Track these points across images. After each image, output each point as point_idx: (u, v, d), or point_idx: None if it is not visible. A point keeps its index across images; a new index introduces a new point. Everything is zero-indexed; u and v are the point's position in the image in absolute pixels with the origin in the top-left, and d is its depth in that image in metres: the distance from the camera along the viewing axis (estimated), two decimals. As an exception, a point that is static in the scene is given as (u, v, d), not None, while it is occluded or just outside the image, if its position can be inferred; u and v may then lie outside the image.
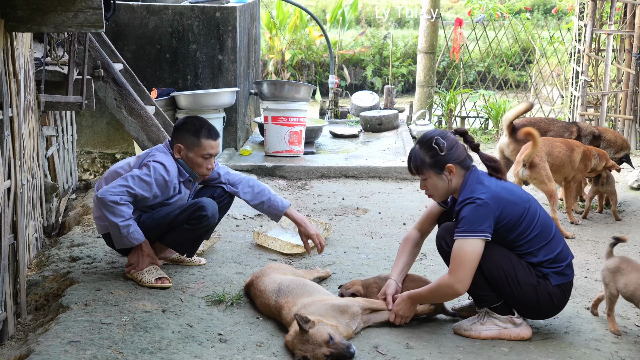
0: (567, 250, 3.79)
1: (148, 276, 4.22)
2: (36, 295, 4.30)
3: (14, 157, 3.97)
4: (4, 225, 3.76)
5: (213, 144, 4.32)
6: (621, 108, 9.02)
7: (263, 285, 3.96)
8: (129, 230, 4.17)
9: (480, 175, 3.71)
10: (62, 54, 5.72)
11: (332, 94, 10.95)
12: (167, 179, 4.26)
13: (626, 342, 3.78)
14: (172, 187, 4.33)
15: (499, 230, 3.63)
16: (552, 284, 3.69)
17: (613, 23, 8.76)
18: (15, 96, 4.03)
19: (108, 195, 4.11)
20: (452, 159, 3.69)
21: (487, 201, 3.58)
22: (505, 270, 3.64)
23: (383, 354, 3.56)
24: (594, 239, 5.73)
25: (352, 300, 3.80)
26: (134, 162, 4.37)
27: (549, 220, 3.75)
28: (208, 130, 4.33)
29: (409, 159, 3.78)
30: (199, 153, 4.31)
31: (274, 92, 7.94)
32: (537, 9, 17.76)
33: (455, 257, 3.60)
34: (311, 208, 6.34)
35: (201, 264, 4.65)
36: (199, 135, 4.30)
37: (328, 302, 3.71)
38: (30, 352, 3.38)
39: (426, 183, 3.75)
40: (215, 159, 4.46)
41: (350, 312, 3.70)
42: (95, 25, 3.96)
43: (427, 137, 3.73)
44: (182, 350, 3.42)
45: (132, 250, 4.30)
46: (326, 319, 3.57)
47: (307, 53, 14.86)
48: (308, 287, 3.87)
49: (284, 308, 3.74)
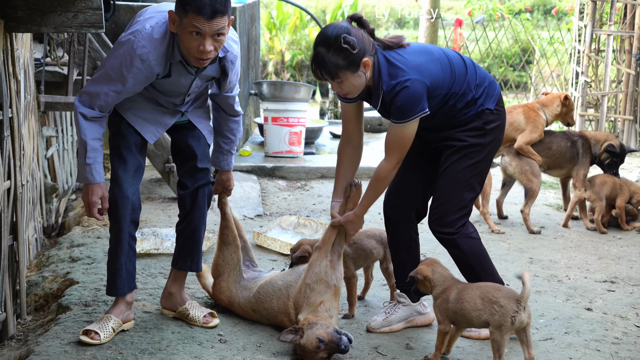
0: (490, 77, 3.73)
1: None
2: (36, 296, 4.30)
3: (14, 157, 3.97)
4: (4, 226, 3.76)
5: (201, 20, 3.18)
6: (621, 108, 9.02)
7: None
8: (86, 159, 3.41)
9: (387, 55, 3.48)
10: (62, 55, 5.72)
11: (332, 94, 10.96)
12: (140, 62, 3.30)
13: (626, 342, 3.78)
14: (157, 67, 3.35)
15: (431, 95, 3.50)
16: (492, 109, 3.64)
17: (613, 23, 8.76)
18: (15, 97, 4.03)
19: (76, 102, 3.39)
20: (365, 53, 3.42)
21: (414, 78, 3.41)
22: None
23: (383, 354, 3.56)
24: (594, 239, 5.73)
25: (316, 266, 3.61)
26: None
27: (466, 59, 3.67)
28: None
29: (318, 66, 3.41)
30: (185, 28, 3.24)
31: (273, 93, 7.94)
32: (537, 10, 17.75)
33: (395, 141, 3.49)
34: (311, 209, 6.34)
35: (209, 325, 3.74)
36: (185, 2, 3.21)
37: (302, 289, 3.61)
38: (30, 352, 3.38)
39: (341, 85, 3.44)
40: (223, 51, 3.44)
41: (324, 277, 3.59)
42: (95, 26, 3.96)
43: (331, 37, 3.38)
44: (181, 350, 3.42)
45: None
46: (312, 306, 3.55)
47: (307, 53, 14.86)
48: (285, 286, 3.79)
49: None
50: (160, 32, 3.34)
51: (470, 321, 3.37)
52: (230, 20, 3.29)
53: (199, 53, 3.26)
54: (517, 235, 5.74)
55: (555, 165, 6.11)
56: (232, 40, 3.51)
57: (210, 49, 3.26)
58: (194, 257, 3.78)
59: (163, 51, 3.34)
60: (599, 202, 5.89)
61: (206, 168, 3.72)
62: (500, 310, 3.23)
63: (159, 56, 3.33)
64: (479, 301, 3.30)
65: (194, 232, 3.75)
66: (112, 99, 3.37)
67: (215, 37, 3.25)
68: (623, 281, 4.76)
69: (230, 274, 3.88)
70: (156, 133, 3.61)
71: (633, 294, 4.55)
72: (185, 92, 3.53)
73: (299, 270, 3.75)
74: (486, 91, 3.64)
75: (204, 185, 3.71)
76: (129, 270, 3.61)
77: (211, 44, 3.25)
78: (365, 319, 3.98)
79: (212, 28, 3.21)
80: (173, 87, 3.50)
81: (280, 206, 6.41)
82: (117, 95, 3.38)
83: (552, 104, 6.08)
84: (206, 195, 3.73)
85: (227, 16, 3.25)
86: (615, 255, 5.31)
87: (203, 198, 3.72)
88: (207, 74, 3.51)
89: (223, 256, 3.89)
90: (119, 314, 3.58)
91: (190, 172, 3.70)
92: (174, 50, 3.37)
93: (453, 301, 3.38)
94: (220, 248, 3.91)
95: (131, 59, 3.29)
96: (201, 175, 3.70)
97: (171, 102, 3.57)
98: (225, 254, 3.88)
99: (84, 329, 3.46)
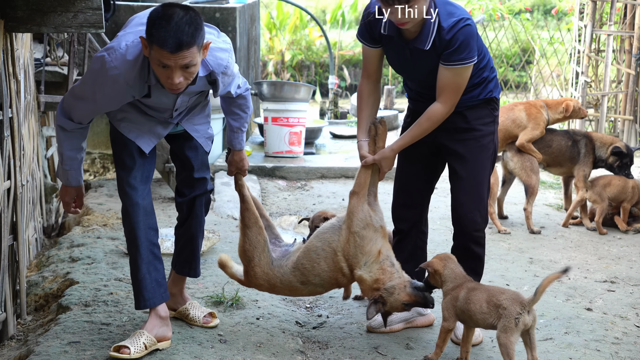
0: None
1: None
2: (36, 296, 4.30)
3: (14, 157, 3.97)
4: (4, 226, 3.76)
5: (165, 54, 2.97)
6: (621, 109, 9.02)
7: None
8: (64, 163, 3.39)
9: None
10: (62, 55, 5.72)
11: (332, 94, 10.95)
12: (112, 83, 3.11)
13: (626, 342, 3.78)
14: (130, 89, 3.17)
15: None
16: (497, 98, 3.69)
17: (613, 24, 8.76)
18: (15, 97, 4.03)
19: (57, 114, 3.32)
20: None
21: (471, 19, 3.43)
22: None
23: (383, 354, 3.56)
24: (594, 239, 5.73)
25: (358, 212, 3.52)
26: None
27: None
28: (165, 30, 2.96)
29: None
30: (152, 58, 3.04)
31: (273, 93, 7.94)
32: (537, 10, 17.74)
33: (450, 85, 3.44)
34: (311, 209, 6.34)
35: (209, 325, 3.73)
36: (150, 33, 2.99)
37: (351, 239, 3.49)
38: (30, 352, 3.38)
39: (413, 9, 3.33)
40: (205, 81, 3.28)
41: (370, 222, 3.51)
42: (95, 26, 3.96)
43: None
44: (182, 350, 3.42)
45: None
46: (369, 255, 3.46)
47: (307, 54, 14.85)
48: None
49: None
50: (135, 53, 3.12)
51: (477, 323, 3.35)
52: (206, 45, 3.10)
53: (168, 85, 3.09)
54: (517, 235, 5.73)
55: (554, 163, 6.11)
56: (218, 51, 3.28)
57: (179, 81, 3.06)
58: (192, 263, 3.72)
59: (136, 74, 3.12)
60: (600, 204, 5.87)
61: (203, 178, 3.62)
62: (503, 312, 3.22)
63: (131, 79, 3.13)
64: (484, 304, 3.29)
65: (191, 240, 3.69)
66: (88, 113, 3.24)
67: (183, 69, 3.04)
68: (623, 281, 4.76)
69: (261, 257, 3.65)
70: (150, 142, 3.44)
71: (633, 294, 4.55)
72: (171, 108, 3.36)
73: (329, 226, 3.60)
74: (495, 80, 3.68)
75: (201, 194, 3.62)
76: (156, 280, 3.43)
77: (180, 75, 3.05)
78: (365, 319, 3.97)
79: (177, 62, 3.00)
80: (157, 105, 3.34)
81: (280, 206, 6.41)
82: (92, 111, 3.25)
83: (556, 108, 6.10)
84: (203, 203, 3.65)
85: (195, 47, 3.01)
86: (615, 255, 5.31)
87: (200, 207, 3.64)
88: (192, 90, 3.32)
89: (249, 240, 3.66)
90: (151, 329, 3.39)
91: (187, 181, 3.61)
92: (150, 73, 3.15)
93: (462, 300, 3.36)
94: (244, 232, 3.69)
95: (102, 80, 3.12)
96: (198, 184, 3.61)
97: (160, 116, 3.43)
98: (251, 237, 3.67)
99: (116, 346, 3.31)
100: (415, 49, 3.47)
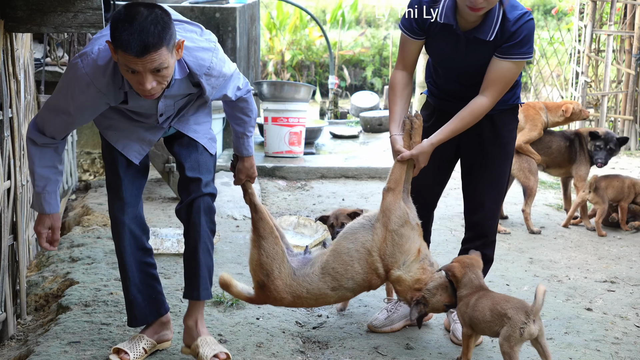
0: None
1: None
2: (36, 296, 4.30)
3: (14, 157, 3.97)
4: (4, 226, 3.76)
5: (131, 58, 2.74)
6: (621, 109, 9.02)
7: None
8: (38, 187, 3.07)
9: None
10: (62, 55, 5.72)
11: (332, 94, 10.96)
12: (85, 89, 2.90)
13: (626, 342, 3.78)
14: (103, 96, 2.95)
15: None
16: (521, 104, 3.74)
17: (613, 24, 8.77)
18: (15, 97, 4.03)
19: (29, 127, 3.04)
20: None
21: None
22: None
23: (383, 354, 3.56)
24: (594, 239, 5.73)
25: (396, 209, 3.36)
26: None
27: None
28: (128, 33, 2.72)
29: None
30: (120, 64, 2.82)
31: (273, 93, 7.94)
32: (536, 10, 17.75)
33: (501, 78, 3.39)
34: (311, 209, 6.34)
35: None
36: (113, 37, 2.76)
37: (388, 238, 3.34)
38: (30, 352, 3.38)
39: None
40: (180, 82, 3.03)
41: (408, 219, 3.37)
42: (95, 26, 3.95)
43: None
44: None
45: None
46: (408, 254, 3.34)
47: (307, 54, 14.86)
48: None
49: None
50: (106, 58, 2.89)
51: (482, 330, 3.30)
52: (179, 44, 2.86)
53: (141, 91, 2.84)
54: (517, 235, 5.73)
55: (554, 164, 6.12)
56: (199, 50, 3.03)
57: (152, 86, 2.82)
58: (194, 283, 3.30)
59: (108, 80, 2.90)
60: (601, 205, 5.86)
61: (197, 178, 3.23)
62: (508, 322, 3.15)
63: (103, 85, 2.90)
64: (487, 313, 3.22)
65: (192, 255, 3.29)
66: (61, 126, 3.01)
67: (154, 73, 2.79)
68: (623, 281, 4.76)
69: (281, 269, 3.38)
70: (141, 151, 3.24)
71: (633, 294, 4.55)
72: (154, 113, 3.11)
73: (358, 226, 3.43)
74: (520, 86, 3.68)
75: (198, 197, 3.22)
76: (149, 297, 3.35)
77: (152, 80, 2.80)
78: (365, 319, 3.98)
79: (146, 66, 2.75)
80: (139, 110, 3.10)
81: (280, 206, 6.41)
82: (66, 124, 3.01)
83: (556, 111, 6.11)
84: (201, 210, 3.23)
85: (163, 48, 2.75)
86: (615, 255, 5.31)
87: (198, 214, 3.22)
88: (174, 93, 3.06)
89: (265, 252, 3.39)
90: (152, 334, 3.36)
91: (183, 184, 3.28)
92: (123, 78, 2.91)
93: (470, 307, 3.28)
94: (258, 244, 3.41)
95: (74, 87, 2.91)
96: (193, 186, 3.23)
97: (147, 121, 3.19)
98: (267, 249, 3.39)
99: (115, 347, 3.27)
100: (474, 39, 3.40)
